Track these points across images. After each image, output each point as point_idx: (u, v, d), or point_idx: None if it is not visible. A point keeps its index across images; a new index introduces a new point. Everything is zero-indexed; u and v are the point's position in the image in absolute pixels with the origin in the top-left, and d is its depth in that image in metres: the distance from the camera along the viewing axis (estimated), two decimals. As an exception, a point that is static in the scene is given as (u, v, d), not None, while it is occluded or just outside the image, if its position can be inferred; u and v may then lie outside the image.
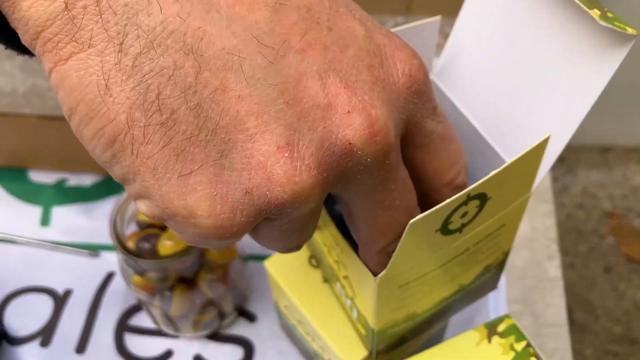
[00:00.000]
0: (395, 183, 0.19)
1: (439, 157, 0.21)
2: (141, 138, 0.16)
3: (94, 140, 0.17)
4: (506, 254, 0.29)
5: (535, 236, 0.42)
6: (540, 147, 0.22)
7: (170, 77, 0.16)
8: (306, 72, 0.17)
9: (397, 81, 0.18)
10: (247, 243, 0.43)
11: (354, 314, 0.28)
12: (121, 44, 0.16)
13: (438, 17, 0.27)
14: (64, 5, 0.16)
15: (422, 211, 0.20)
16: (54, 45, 0.16)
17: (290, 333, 0.37)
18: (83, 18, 0.16)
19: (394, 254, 0.21)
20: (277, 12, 0.17)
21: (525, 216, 0.43)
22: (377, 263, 0.22)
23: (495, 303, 0.39)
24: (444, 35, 0.53)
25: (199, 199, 0.17)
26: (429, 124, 0.20)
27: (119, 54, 0.16)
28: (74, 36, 0.16)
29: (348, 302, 0.28)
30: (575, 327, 1.03)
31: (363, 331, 0.27)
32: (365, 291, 0.24)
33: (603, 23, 0.20)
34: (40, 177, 0.47)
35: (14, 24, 0.17)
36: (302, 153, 0.17)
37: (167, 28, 0.16)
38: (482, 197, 0.22)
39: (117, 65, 0.16)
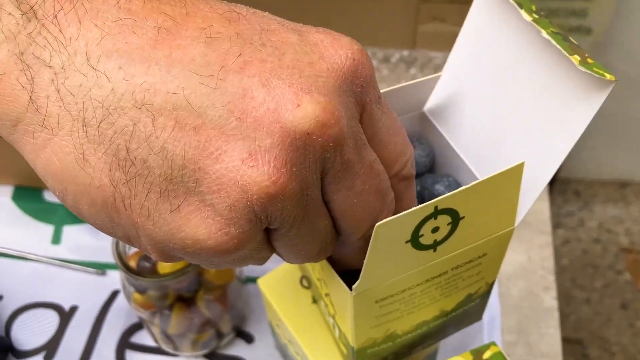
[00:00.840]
0: (361, 166, 0.20)
1: (387, 148, 0.21)
2: (128, 192, 0.18)
3: (90, 211, 0.19)
4: (490, 286, 0.29)
5: (532, 267, 0.43)
6: (515, 172, 0.23)
7: (132, 132, 0.18)
8: (249, 85, 0.18)
9: (342, 66, 0.19)
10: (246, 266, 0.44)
11: (336, 333, 0.28)
12: (84, 119, 0.18)
13: (440, 74, 0.28)
14: (29, 97, 0.18)
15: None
16: (30, 135, 0.18)
17: (284, 353, 0.38)
18: (47, 106, 0.18)
19: (365, 260, 0.21)
20: (210, 45, 0.18)
21: (523, 247, 0.44)
22: (357, 251, 0.23)
23: (490, 331, 0.40)
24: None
25: (195, 225, 0.18)
26: (375, 111, 0.21)
27: (85, 128, 0.18)
28: (43, 123, 0.18)
29: (331, 321, 0.29)
30: (590, 364, 1.01)
31: (345, 350, 0.28)
32: (344, 307, 0.25)
33: (582, 69, 0.22)
34: (54, 197, 0.49)
35: None
36: (267, 158, 0.18)
37: (117, 93, 0.18)
38: (453, 214, 0.23)
39: (86, 138, 0.18)
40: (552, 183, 1.19)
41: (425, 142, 0.31)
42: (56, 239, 0.47)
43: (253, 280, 0.43)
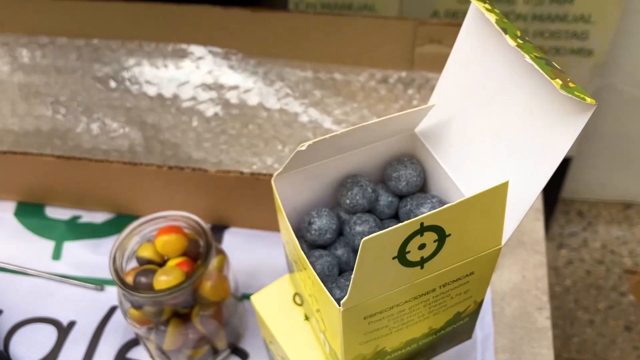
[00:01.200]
0: None
1: None
2: None
3: None
4: (479, 305, 0.30)
5: (526, 287, 0.43)
6: (499, 191, 0.24)
7: None
8: None
9: None
10: (243, 282, 0.44)
11: (327, 349, 0.29)
12: None
13: (433, 104, 0.29)
14: None
15: None
16: None
17: (277, 371, 0.38)
18: None
19: (352, 275, 0.22)
20: None
21: (517, 266, 0.44)
22: None
23: (483, 350, 0.40)
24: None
25: None
26: None
27: None
28: None
29: (322, 337, 0.29)
30: (593, 387, 1.00)
31: (333, 367, 0.28)
32: (333, 323, 0.25)
33: (563, 92, 0.22)
34: (56, 213, 0.50)
35: None
36: None
37: None
38: (439, 231, 0.23)
39: None
40: (555, 203, 1.19)
41: (417, 161, 0.31)
42: (56, 255, 0.47)
43: (249, 297, 0.44)
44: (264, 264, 0.45)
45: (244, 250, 0.46)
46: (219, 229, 0.47)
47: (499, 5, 0.97)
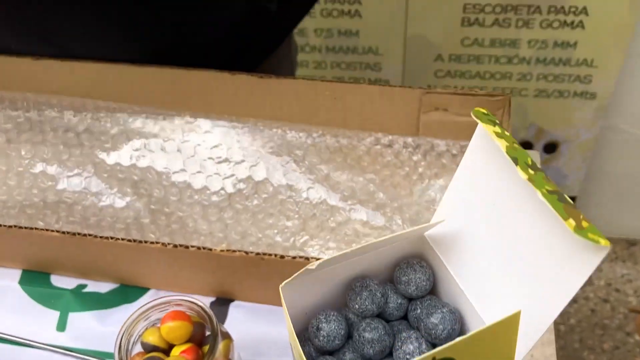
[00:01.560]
0: None
1: None
2: None
3: None
4: None
5: (535, 367, 0.42)
6: (512, 321, 0.24)
7: None
8: None
9: None
10: (242, 345, 0.44)
11: None
12: None
13: (442, 220, 0.29)
14: None
15: None
16: None
17: None
18: None
19: None
20: None
21: (525, 345, 0.44)
22: None
23: None
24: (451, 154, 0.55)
25: None
26: None
27: None
28: None
29: None
30: None
31: None
32: None
33: (577, 236, 0.22)
34: (61, 282, 0.49)
35: None
36: None
37: None
38: None
39: None
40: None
41: (426, 264, 0.31)
42: (61, 326, 0.47)
43: (255, 376, 0.43)
44: (269, 339, 0.45)
45: (248, 325, 0.46)
46: (224, 302, 0.47)
47: (502, 49, 0.97)
